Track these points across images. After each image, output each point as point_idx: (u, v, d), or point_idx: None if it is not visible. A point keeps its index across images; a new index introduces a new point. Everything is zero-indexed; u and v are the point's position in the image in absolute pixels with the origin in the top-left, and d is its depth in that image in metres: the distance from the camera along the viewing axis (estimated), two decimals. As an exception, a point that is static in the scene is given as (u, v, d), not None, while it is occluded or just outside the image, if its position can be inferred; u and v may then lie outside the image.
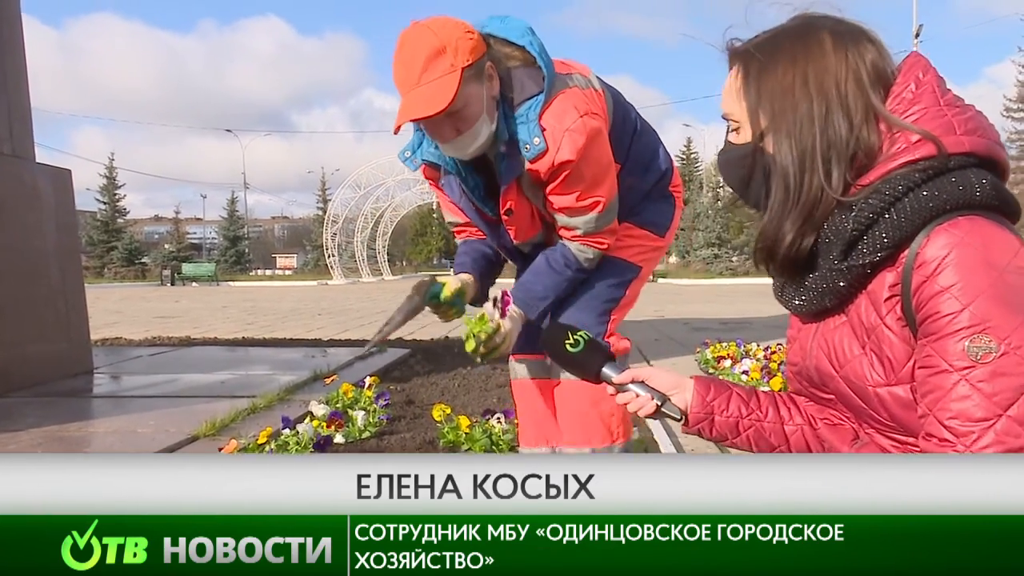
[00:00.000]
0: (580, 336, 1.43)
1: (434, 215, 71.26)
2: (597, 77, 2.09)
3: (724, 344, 6.04)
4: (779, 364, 4.92)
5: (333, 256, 41.22)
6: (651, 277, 2.16)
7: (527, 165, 1.92)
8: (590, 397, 2.13)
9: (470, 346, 1.99)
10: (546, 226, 2.13)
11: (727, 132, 1.26)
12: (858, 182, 1.13)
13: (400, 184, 39.21)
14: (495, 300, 2.08)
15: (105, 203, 48.37)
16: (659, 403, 1.34)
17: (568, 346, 1.43)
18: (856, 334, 1.17)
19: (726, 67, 1.24)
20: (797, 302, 1.24)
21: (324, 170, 58.25)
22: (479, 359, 2.04)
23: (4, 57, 5.22)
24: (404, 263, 74.42)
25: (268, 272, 60.63)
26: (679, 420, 1.36)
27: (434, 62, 1.78)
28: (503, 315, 2.05)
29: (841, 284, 1.15)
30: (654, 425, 3.51)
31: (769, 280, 1.32)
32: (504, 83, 1.91)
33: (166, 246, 53.92)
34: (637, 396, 1.35)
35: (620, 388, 1.38)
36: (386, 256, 48.78)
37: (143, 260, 48.80)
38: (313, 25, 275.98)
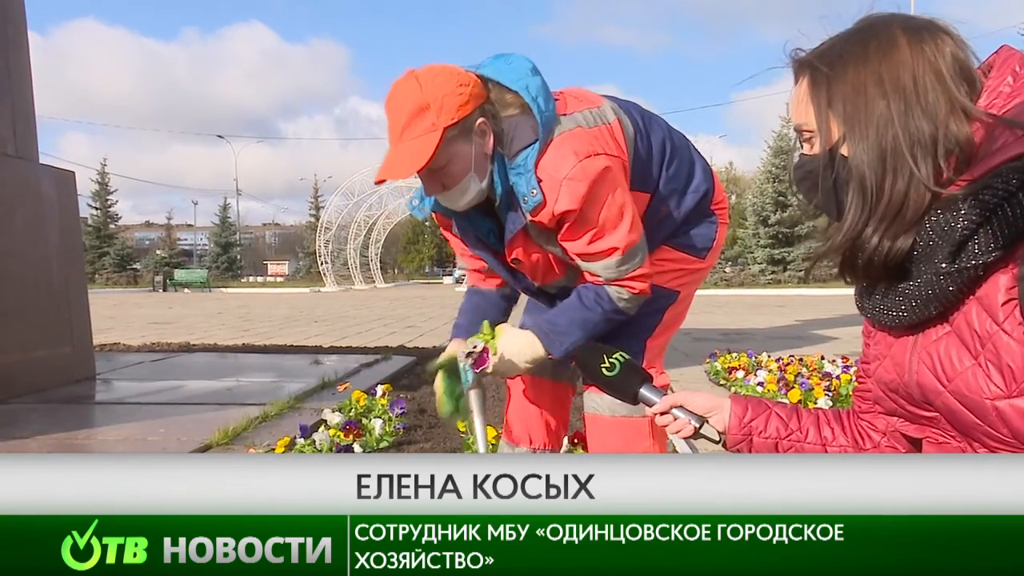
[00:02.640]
0: (616, 359, 1.40)
1: (426, 223, 71.19)
2: (613, 105, 1.95)
3: (734, 355, 6.00)
4: (795, 376, 4.89)
5: (326, 263, 41.18)
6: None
7: (528, 217, 1.84)
8: (622, 437, 2.04)
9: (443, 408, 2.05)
10: (571, 269, 2.00)
11: (799, 144, 1.20)
12: (961, 178, 1.04)
13: (393, 192, 39.19)
14: (470, 354, 1.92)
15: (97, 208, 48.18)
16: (697, 425, 1.34)
17: (604, 370, 1.40)
18: (966, 344, 1.07)
19: (712, 83, 1.21)
20: (894, 313, 1.13)
21: (316, 177, 58.10)
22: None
23: (8, 57, 5.15)
24: (396, 271, 74.54)
25: (259, 279, 60.59)
26: (717, 442, 1.35)
27: (416, 119, 1.74)
28: (477, 369, 1.93)
29: (950, 289, 1.05)
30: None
31: (759, 292, 1.29)
32: (501, 134, 1.83)
33: (158, 252, 53.85)
34: (676, 419, 1.35)
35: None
36: (379, 264, 48.78)
37: (135, 266, 48.62)
38: (298, 32, 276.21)
